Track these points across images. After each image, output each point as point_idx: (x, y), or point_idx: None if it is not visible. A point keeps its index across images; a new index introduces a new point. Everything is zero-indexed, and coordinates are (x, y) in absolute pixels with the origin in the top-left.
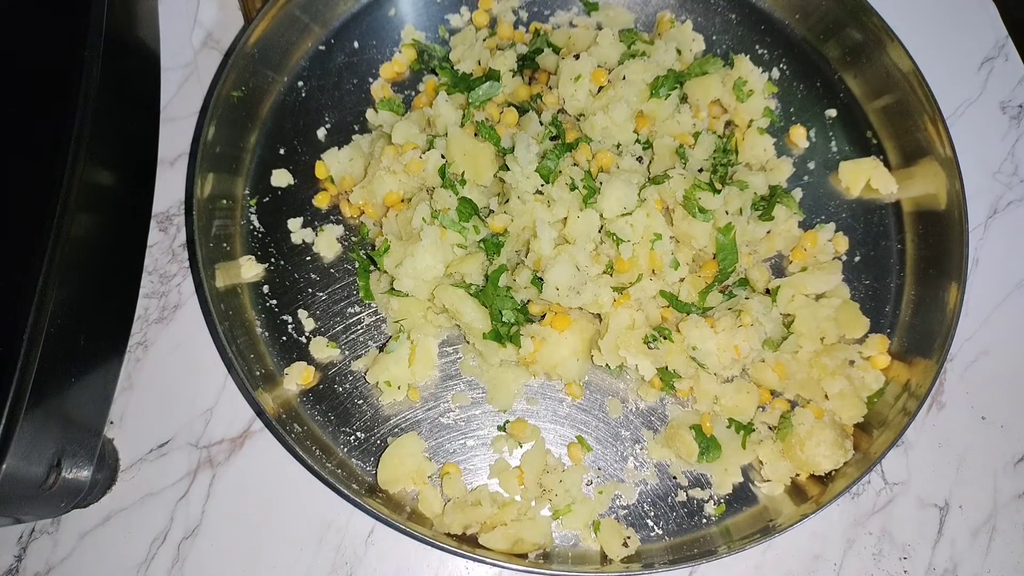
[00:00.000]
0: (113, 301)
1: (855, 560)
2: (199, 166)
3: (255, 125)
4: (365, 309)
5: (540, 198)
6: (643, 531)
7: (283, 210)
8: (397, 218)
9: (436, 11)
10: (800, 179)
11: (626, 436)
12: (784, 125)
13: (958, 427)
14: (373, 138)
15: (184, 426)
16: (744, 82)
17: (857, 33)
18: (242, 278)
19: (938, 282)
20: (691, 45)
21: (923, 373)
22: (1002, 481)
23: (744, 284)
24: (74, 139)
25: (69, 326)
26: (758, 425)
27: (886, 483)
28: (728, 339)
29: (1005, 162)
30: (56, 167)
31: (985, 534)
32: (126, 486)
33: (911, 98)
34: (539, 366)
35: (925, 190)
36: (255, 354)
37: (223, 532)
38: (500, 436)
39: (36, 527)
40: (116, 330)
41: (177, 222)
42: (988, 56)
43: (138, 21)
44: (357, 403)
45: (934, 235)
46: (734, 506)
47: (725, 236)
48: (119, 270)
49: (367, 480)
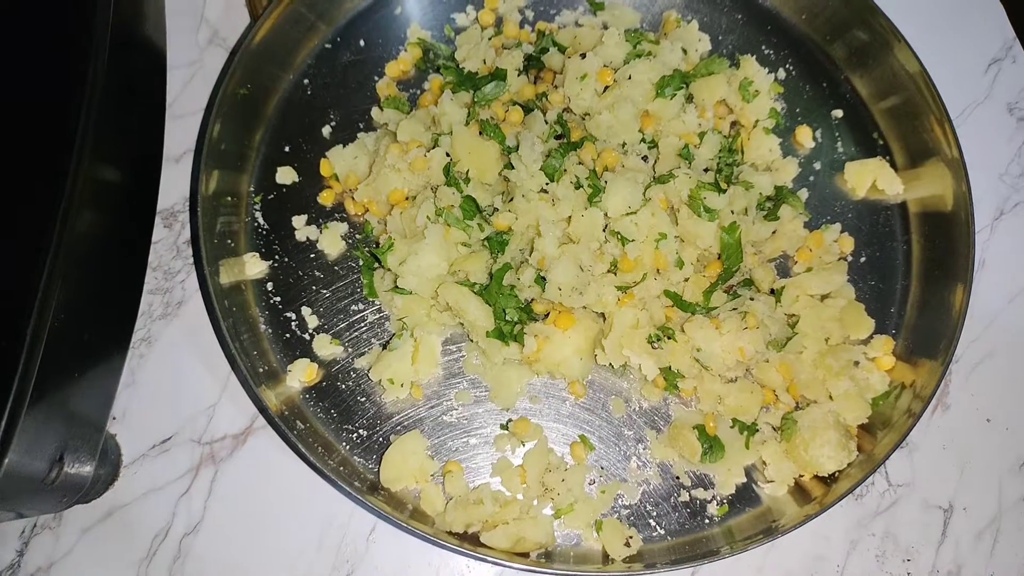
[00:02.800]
0: (117, 297)
1: (858, 562)
2: (204, 163)
3: (260, 122)
4: (369, 307)
5: (544, 197)
6: (645, 531)
7: (288, 207)
8: (401, 216)
9: (442, 10)
10: (806, 179)
11: (629, 436)
12: (790, 125)
13: (963, 429)
14: (378, 136)
15: (187, 422)
16: (750, 82)
17: (864, 34)
18: (246, 275)
19: (944, 283)
20: (697, 45)
21: (928, 374)
22: (1007, 483)
23: (749, 284)
24: (79, 135)
25: (72, 321)
26: (762, 425)
27: (890, 484)
28: (732, 341)
29: (1012, 164)
30: (61, 163)
31: (989, 536)
32: (128, 482)
33: (918, 99)
34: (542, 365)
35: (931, 191)
36: (258, 351)
37: (225, 528)
38: (503, 435)
39: (38, 522)
40: (119, 326)
41: (182, 218)
42: (995, 57)
43: (145, 18)
44: (360, 401)
45: (940, 236)
46: (737, 506)
47: (730, 236)
48: (123, 266)
49: (369, 478)
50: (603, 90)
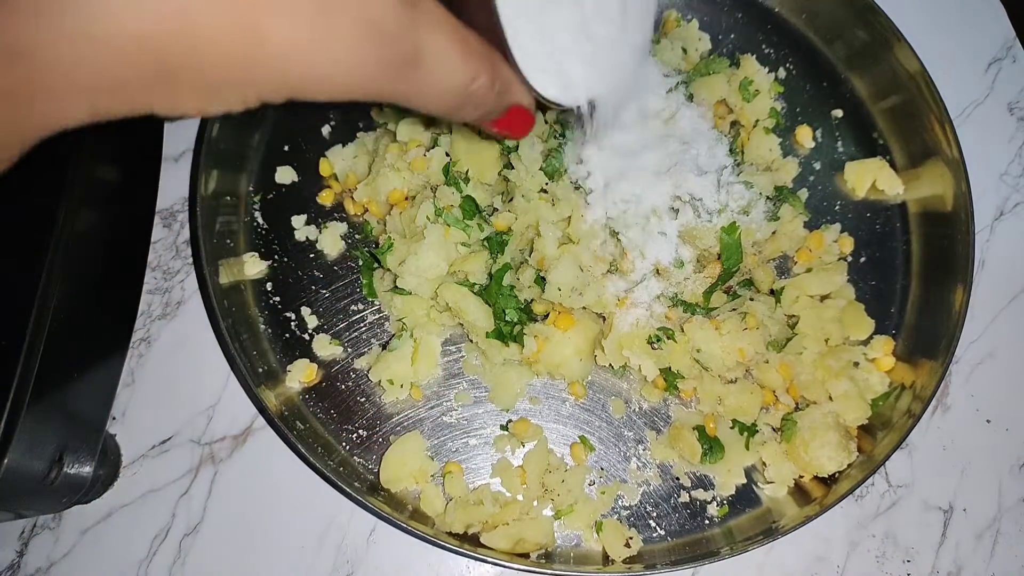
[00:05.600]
0: (116, 297)
1: (858, 562)
2: (203, 163)
3: (260, 122)
4: (368, 307)
5: (544, 197)
6: (645, 532)
7: (287, 207)
8: (401, 216)
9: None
10: (806, 179)
11: (629, 436)
12: (790, 125)
13: (963, 430)
14: (377, 135)
15: (186, 423)
16: (750, 82)
17: (864, 33)
18: (245, 275)
19: (944, 284)
20: (697, 44)
21: (928, 375)
22: (1007, 484)
23: (749, 284)
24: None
25: (72, 321)
26: (762, 426)
27: (890, 485)
28: (732, 342)
29: (1012, 164)
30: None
31: (989, 537)
32: (128, 482)
33: (918, 99)
34: (542, 365)
35: (931, 191)
36: (258, 351)
37: (225, 529)
38: (502, 435)
39: (38, 522)
40: (119, 326)
41: (181, 218)
42: (996, 57)
43: None
44: (359, 401)
45: (940, 236)
46: (737, 507)
47: (730, 236)
48: (122, 266)
49: (369, 478)
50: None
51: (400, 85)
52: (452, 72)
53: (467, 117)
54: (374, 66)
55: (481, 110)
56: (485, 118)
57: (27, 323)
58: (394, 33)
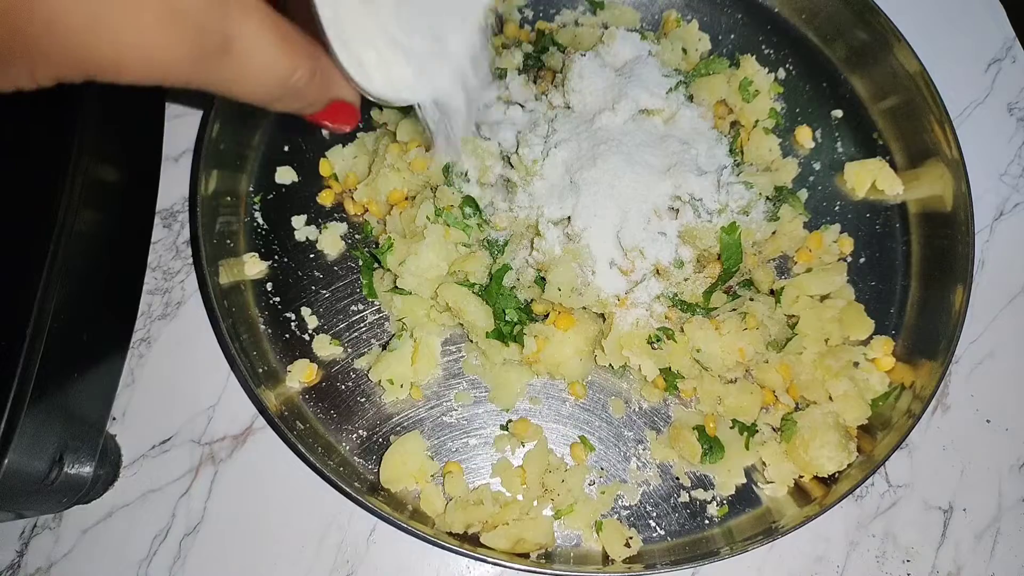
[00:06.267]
0: (116, 297)
1: (858, 562)
2: (203, 163)
3: (260, 122)
4: (368, 307)
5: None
6: (645, 532)
7: (287, 207)
8: (401, 216)
9: None
10: (806, 180)
11: (629, 436)
12: (790, 125)
13: (963, 430)
14: (377, 136)
15: (186, 423)
16: (750, 82)
17: (864, 34)
18: (245, 275)
19: (943, 284)
20: (697, 44)
21: (928, 375)
22: (1007, 484)
23: (749, 285)
24: (78, 134)
25: (72, 321)
26: (761, 426)
27: (890, 485)
28: (732, 342)
29: (1012, 164)
30: (60, 162)
31: (989, 537)
32: (128, 482)
33: (918, 99)
34: (542, 365)
35: (931, 191)
36: (258, 351)
37: (225, 529)
38: (502, 435)
39: (38, 522)
40: (119, 326)
41: (181, 218)
42: (995, 57)
43: None
44: (359, 401)
45: (940, 237)
46: (737, 507)
47: (730, 236)
48: (123, 266)
49: (369, 478)
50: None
51: (210, 74)
52: (270, 64)
53: (287, 108)
54: (176, 52)
55: (301, 102)
56: (306, 110)
57: (27, 323)
58: (200, 22)
